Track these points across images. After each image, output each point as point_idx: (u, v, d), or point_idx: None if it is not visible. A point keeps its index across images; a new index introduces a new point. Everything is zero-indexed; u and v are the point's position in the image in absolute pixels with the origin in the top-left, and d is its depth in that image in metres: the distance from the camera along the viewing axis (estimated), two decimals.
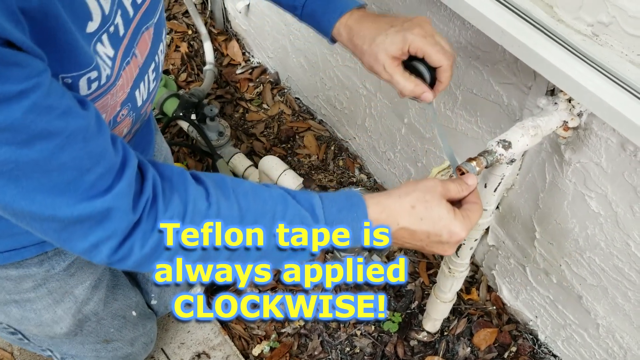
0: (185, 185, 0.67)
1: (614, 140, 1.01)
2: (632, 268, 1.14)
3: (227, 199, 0.69)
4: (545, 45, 0.91)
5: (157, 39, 0.76)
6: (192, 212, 0.66)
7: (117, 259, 0.64)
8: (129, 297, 1.29)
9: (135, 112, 0.81)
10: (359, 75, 1.68)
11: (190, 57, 2.21)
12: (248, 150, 1.97)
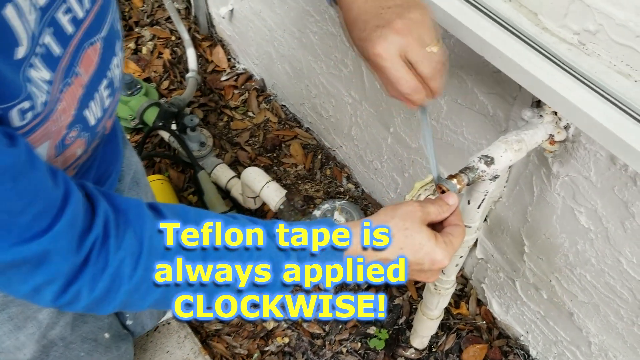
0: (142, 220, 0.61)
1: (603, 154, 0.96)
2: (624, 286, 1.09)
3: None
4: (528, 56, 0.86)
5: (107, 53, 0.71)
6: (149, 249, 0.61)
7: (64, 303, 0.58)
8: (100, 319, 1.23)
9: (89, 131, 0.75)
10: (344, 83, 1.63)
11: (173, 64, 2.16)
12: (232, 160, 1.92)
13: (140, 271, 0.60)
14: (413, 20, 0.70)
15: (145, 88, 1.89)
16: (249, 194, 1.64)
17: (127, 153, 1.25)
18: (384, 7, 0.71)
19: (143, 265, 0.60)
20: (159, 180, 1.76)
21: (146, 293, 0.62)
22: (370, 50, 0.71)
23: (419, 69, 0.71)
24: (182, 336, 1.53)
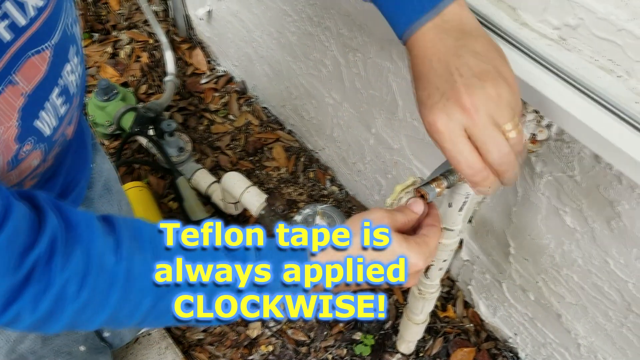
0: (91, 236, 0.57)
1: (587, 152, 0.93)
2: (612, 287, 1.06)
3: (142, 252, 0.60)
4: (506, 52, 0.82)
5: (59, 60, 0.67)
6: (96, 269, 0.56)
7: (4, 323, 0.55)
8: (74, 331, 1.19)
9: (45, 142, 0.71)
10: (324, 83, 1.60)
11: (151, 68, 2.11)
12: (213, 165, 1.88)
13: (87, 291, 0.56)
14: (487, 96, 0.59)
15: (122, 93, 1.85)
16: (230, 199, 1.60)
17: (97, 159, 1.21)
18: (457, 69, 0.60)
19: (90, 285, 0.56)
20: (137, 187, 1.72)
21: (94, 313, 0.58)
22: (429, 120, 0.61)
23: (484, 155, 0.60)
24: (163, 347, 1.49)
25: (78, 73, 0.76)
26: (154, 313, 0.61)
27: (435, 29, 0.63)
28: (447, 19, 0.64)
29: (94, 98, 1.82)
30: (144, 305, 0.60)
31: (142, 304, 0.60)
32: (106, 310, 0.58)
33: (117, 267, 0.57)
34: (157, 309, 0.61)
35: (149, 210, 1.67)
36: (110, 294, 0.57)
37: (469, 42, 0.62)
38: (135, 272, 0.58)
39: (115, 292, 0.57)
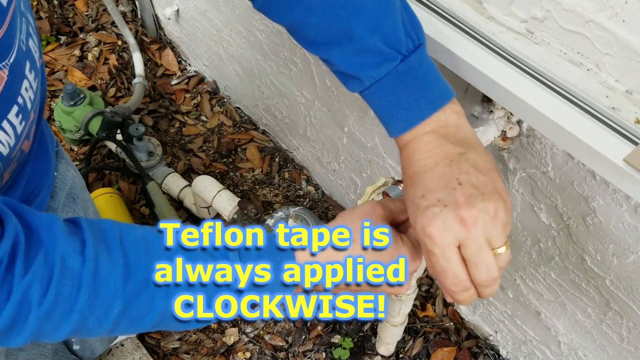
0: (54, 239, 0.54)
1: (559, 148, 0.91)
2: (590, 284, 1.04)
3: (110, 253, 0.56)
4: (472, 49, 0.80)
5: (16, 79, 0.63)
6: (60, 272, 0.53)
7: None
8: (41, 345, 1.15)
9: (2, 161, 0.68)
10: (294, 82, 1.56)
11: (120, 70, 2.06)
12: (186, 168, 1.84)
13: (51, 296, 0.53)
14: (486, 212, 0.56)
15: (89, 97, 1.80)
16: (202, 204, 1.56)
17: (61, 167, 1.16)
18: (457, 179, 0.58)
19: (54, 289, 0.53)
20: (108, 193, 1.67)
21: (61, 320, 0.55)
22: (422, 223, 0.57)
23: (473, 273, 0.57)
24: (137, 358, 1.44)
25: (34, 88, 0.73)
26: (126, 318, 0.57)
27: (433, 133, 0.62)
28: (443, 124, 0.63)
29: (61, 103, 1.77)
30: (113, 309, 0.56)
31: (111, 309, 0.56)
32: (73, 316, 0.55)
33: (83, 269, 0.54)
34: (129, 313, 0.57)
35: (120, 217, 1.62)
36: (76, 298, 0.54)
37: (468, 152, 0.61)
38: (103, 274, 0.54)
39: (82, 296, 0.54)
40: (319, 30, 0.65)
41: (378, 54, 0.63)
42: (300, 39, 0.71)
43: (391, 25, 0.63)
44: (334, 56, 0.66)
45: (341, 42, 0.65)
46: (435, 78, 0.65)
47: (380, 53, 0.63)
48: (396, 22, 0.63)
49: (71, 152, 1.89)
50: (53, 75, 2.08)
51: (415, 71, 0.64)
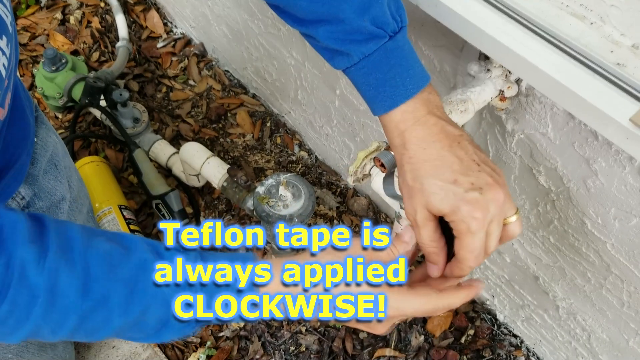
0: (15, 243, 0.52)
1: (560, 107, 0.86)
2: (590, 247, 1.01)
3: (72, 266, 0.54)
4: (468, 3, 0.74)
5: None
6: (18, 281, 0.51)
7: None
8: None
9: None
10: (283, 42, 1.50)
11: (103, 34, 1.98)
12: (174, 135, 1.78)
13: (6, 305, 0.51)
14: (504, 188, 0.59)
15: (71, 62, 1.73)
16: (190, 171, 1.52)
17: (41, 133, 1.11)
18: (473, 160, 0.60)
19: (10, 298, 0.51)
20: (94, 162, 1.63)
21: (15, 328, 0.53)
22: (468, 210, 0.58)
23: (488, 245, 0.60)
24: None
25: (7, 54, 0.68)
26: (82, 331, 0.56)
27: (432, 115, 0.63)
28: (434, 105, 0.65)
29: (42, 69, 1.70)
30: (68, 323, 0.55)
31: (66, 322, 0.55)
32: (27, 325, 0.54)
33: (41, 280, 0.52)
34: (85, 327, 0.56)
35: (107, 186, 1.58)
36: (32, 309, 0.53)
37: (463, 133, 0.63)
38: (61, 288, 0.53)
39: (38, 308, 0.53)
40: (308, 11, 0.65)
41: (366, 33, 0.64)
42: (285, 16, 0.70)
43: (379, 8, 0.64)
44: (321, 33, 0.66)
45: (330, 22, 0.65)
46: (417, 59, 0.67)
47: (369, 32, 0.64)
48: (383, 5, 0.64)
49: (55, 119, 1.83)
50: (34, 40, 2.00)
51: (401, 50, 0.65)
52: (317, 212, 1.63)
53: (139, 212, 1.64)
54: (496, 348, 1.42)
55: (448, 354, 1.40)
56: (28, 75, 1.92)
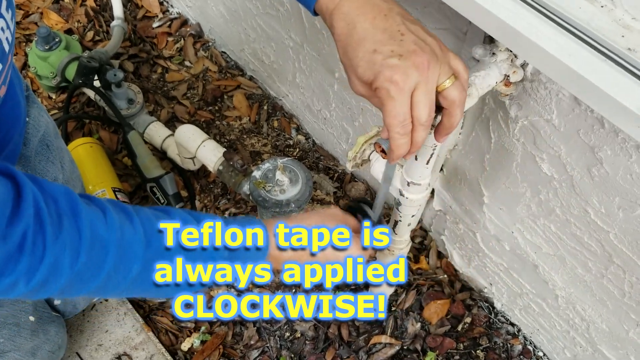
0: (78, 207, 0.59)
1: (566, 94, 0.84)
2: (592, 237, 0.99)
3: (130, 221, 0.63)
4: None
5: None
6: (90, 238, 0.58)
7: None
8: (21, 301, 1.11)
9: None
10: (282, 24, 1.46)
11: (98, 12, 1.94)
12: (169, 117, 1.75)
13: (81, 261, 0.58)
14: (433, 55, 0.60)
15: (65, 41, 1.69)
16: (186, 154, 1.49)
17: (33, 113, 1.09)
18: (398, 30, 0.61)
19: (85, 255, 0.58)
20: (88, 143, 1.60)
21: (87, 281, 0.60)
22: (387, 75, 0.60)
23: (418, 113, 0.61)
24: (121, 313, 1.40)
25: (11, 29, 0.69)
26: (140, 279, 0.63)
27: None
28: None
29: (35, 48, 1.67)
30: (133, 271, 0.62)
31: (131, 270, 0.62)
32: (100, 277, 0.60)
33: (110, 235, 0.60)
34: (142, 277, 0.63)
35: (101, 168, 1.55)
36: (104, 261, 0.60)
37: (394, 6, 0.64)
38: (127, 240, 0.61)
39: (110, 260, 0.60)
40: None
41: None
42: None
43: None
44: None
45: None
46: None
47: None
48: None
49: (49, 99, 1.80)
50: (27, 18, 1.96)
51: None
52: (314, 197, 1.61)
53: (133, 195, 1.62)
54: (493, 336, 1.41)
55: (444, 341, 1.39)
56: (21, 54, 1.88)
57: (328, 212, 0.79)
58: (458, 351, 1.39)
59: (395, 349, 1.36)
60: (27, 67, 1.82)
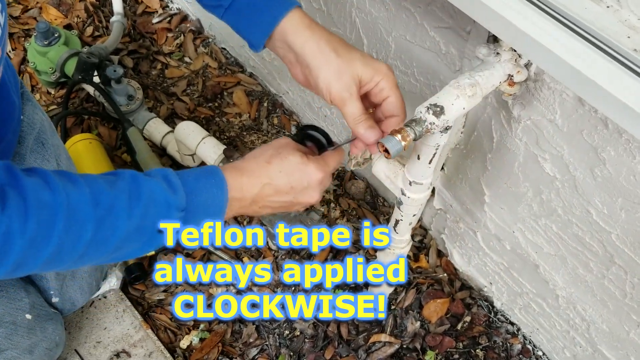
0: (19, 178, 0.60)
1: (569, 94, 0.83)
2: (594, 237, 0.99)
3: (75, 183, 0.63)
4: None
5: None
6: (36, 203, 0.59)
7: None
8: (17, 299, 1.10)
9: None
10: None
11: (97, 8, 1.93)
12: (169, 113, 1.75)
13: (32, 224, 0.59)
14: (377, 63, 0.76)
15: (64, 36, 1.68)
16: (185, 151, 1.48)
17: (27, 110, 1.08)
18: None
19: (34, 218, 0.59)
20: (87, 139, 1.59)
21: (41, 246, 0.61)
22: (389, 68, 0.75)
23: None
24: (120, 310, 1.40)
25: (1, 23, 0.69)
26: (94, 242, 0.64)
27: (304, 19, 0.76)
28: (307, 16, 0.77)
29: (34, 43, 1.66)
30: (85, 235, 0.63)
31: (83, 234, 0.62)
32: (52, 241, 0.61)
33: (55, 198, 0.60)
34: (98, 236, 0.64)
35: (100, 164, 1.54)
36: (54, 224, 0.60)
37: None
38: (74, 201, 0.61)
39: (59, 223, 0.60)
40: None
41: None
42: None
43: None
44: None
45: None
46: None
47: None
48: None
49: (48, 95, 1.79)
50: (26, 12, 1.95)
51: None
52: None
53: None
54: (492, 335, 1.41)
55: (444, 340, 1.39)
56: (20, 49, 1.87)
57: (280, 143, 0.79)
58: (457, 350, 1.39)
59: (395, 348, 1.36)
60: (26, 62, 1.81)
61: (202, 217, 0.71)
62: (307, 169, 0.77)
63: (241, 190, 0.74)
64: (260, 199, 0.76)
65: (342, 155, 0.84)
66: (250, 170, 0.75)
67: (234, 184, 0.73)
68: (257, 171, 0.75)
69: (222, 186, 0.72)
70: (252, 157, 0.78)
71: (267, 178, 0.75)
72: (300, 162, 0.77)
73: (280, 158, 0.76)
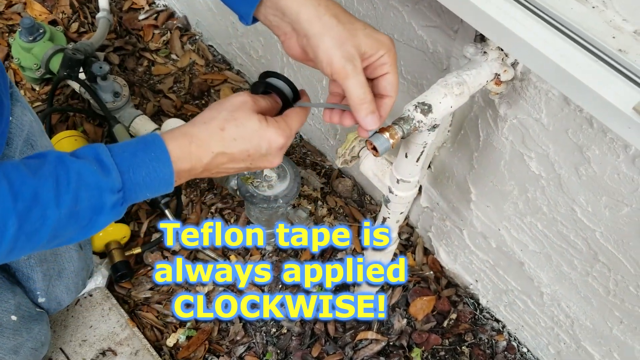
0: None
1: (555, 93, 0.84)
2: (578, 235, 1.00)
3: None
4: None
5: None
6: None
7: None
8: (3, 301, 1.09)
9: None
10: None
11: (82, 4, 1.91)
12: (155, 110, 1.74)
13: None
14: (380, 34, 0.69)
15: (49, 32, 1.67)
16: None
17: (16, 111, 1.07)
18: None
19: None
20: (72, 136, 1.58)
21: None
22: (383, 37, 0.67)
23: None
24: (106, 308, 1.39)
25: None
26: (23, 235, 0.60)
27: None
28: None
29: (19, 39, 1.64)
30: (9, 230, 0.59)
31: (7, 229, 0.58)
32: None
33: None
34: (25, 229, 0.60)
35: None
36: None
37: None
38: None
39: None
40: None
41: None
42: None
43: None
44: None
45: None
46: None
47: None
48: None
49: (32, 91, 1.77)
50: (10, 8, 1.93)
51: None
52: (302, 193, 1.60)
53: None
54: (478, 332, 1.42)
55: (430, 337, 1.40)
56: (4, 45, 1.85)
57: (235, 104, 0.70)
58: (443, 347, 1.40)
59: (381, 345, 1.36)
60: (10, 58, 1.79)
61: (145, 194, 0.66)
62: (266, 134, 0.69)
63: (190, 160, 0.67)
64: (213, 167, 0.70)
65: (307, 113, 0.76)
66: (201, 138, 0.67)
67: (180, 154, 0.66)
68: (208, 139, 0.67)
69: (164, 159, 0.65)
70: (202, 122, 0.69)
71: (221, 147, 0.68)
72: (258, 127, 0.68)
73: (236, 124, 0.68)
